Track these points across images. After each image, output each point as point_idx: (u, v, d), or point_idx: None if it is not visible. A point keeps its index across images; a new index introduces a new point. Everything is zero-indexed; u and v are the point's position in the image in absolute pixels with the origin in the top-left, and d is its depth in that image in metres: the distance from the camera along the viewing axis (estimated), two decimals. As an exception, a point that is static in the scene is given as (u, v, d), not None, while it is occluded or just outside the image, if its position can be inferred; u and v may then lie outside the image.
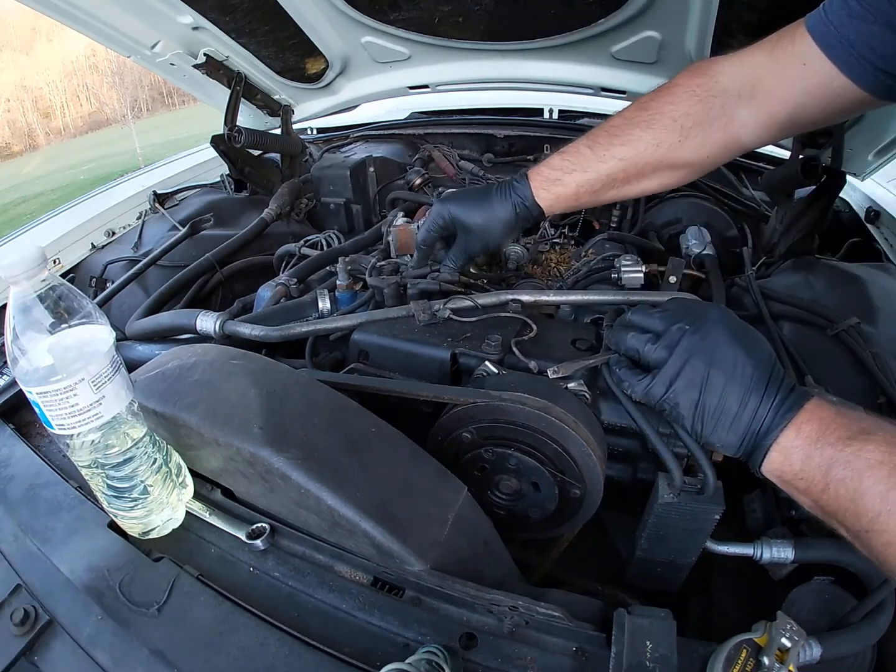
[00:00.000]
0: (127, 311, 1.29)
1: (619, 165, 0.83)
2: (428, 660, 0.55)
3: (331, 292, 1.17)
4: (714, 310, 0.66)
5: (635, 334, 0.69)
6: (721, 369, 0.61)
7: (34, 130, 40.06)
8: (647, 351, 0.67)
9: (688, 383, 0.62)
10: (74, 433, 0.61)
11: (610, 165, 0.83)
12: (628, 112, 0.83)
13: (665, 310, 0.69)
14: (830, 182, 1.29)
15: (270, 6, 1.49)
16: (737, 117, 0.79)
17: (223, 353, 0.80)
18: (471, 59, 1.69)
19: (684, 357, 0.63)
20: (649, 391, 0.66)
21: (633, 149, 0.82)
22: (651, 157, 0.82)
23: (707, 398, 0.62)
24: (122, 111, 33.17)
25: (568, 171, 0.85)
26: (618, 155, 0.83)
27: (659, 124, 0.81)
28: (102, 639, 0.62)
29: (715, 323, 0.64)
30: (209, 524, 0.73)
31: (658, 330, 0.67)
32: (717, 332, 0.63)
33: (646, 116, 0.81)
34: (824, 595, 0.69)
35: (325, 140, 2.26)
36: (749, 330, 0.65)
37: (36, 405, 0.59)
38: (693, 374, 0.62)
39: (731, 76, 0.78)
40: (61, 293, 0.58)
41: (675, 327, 0.65)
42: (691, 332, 0.64)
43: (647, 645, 0.55)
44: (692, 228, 1.43)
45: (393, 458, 0.71)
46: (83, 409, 0.59)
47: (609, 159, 0.83)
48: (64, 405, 0.58)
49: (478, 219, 0.91)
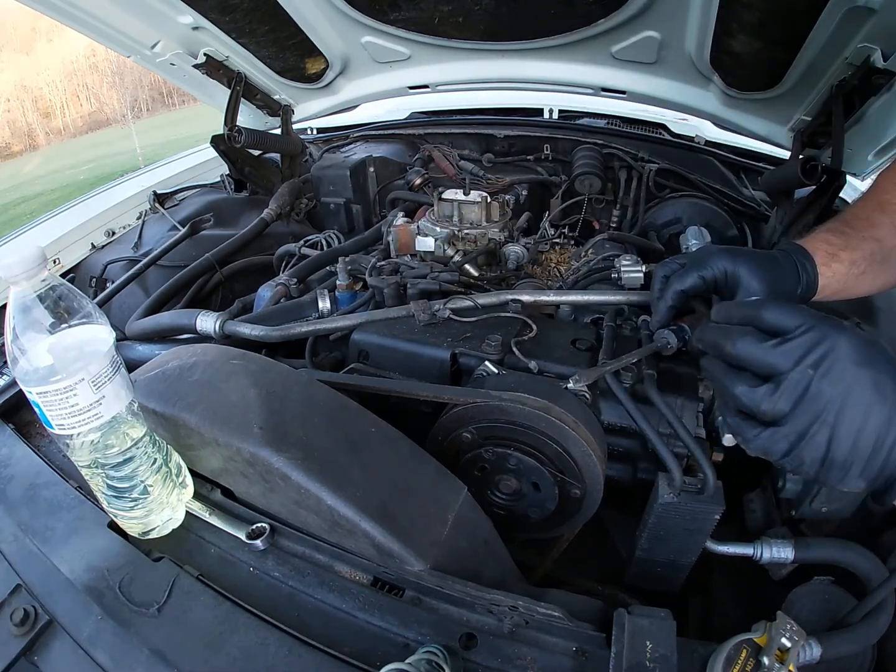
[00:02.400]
0: (127, 311, 1.29)
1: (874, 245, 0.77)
2: (428, 660, 0.55)
3: (331, 292, 1.17)
4: (845, 341, 0.53)
5: (748, 380, 0.56)
6: (852, 420, 0.52)
7: (34, 130, 40.08)
8: (764, 402, 0.54)
9: (815, 443, 0.53)
10: (74, 433, 0.61)
11: (869, 245, 0.77)
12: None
13: (785, 336, 0.55)
14: (830, 182, 1.29)
15: (270, 6, 1.49)
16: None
17: (223, 353, 0.80)
18: (471, 59, 1.69)
19: (812, 414, 0.52)
20: (768, 449, 0.56)
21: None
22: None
23: (836, 453, 0.53)
24: (122, 111, 33.17)
25: (842, 247, 0.77)
26: (875, 235, 0.77)
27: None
28: (102, 639, 0.62)
29: (848, 362, 0.52)
30: (209, 524, 0.73)
31: (776, 369, 0.54)
32: (850, 374, 0.52)
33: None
34: (824, 595, 0.69)
35: (325, 140, 2.26)
36: (884, 362, 0.54)
37: (36, 405, 0.59)
38: (822, 432, 0.52)
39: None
40: (61, 293, 0.58)
41: (797, 371, 0.53)
42: (819, 376, 0.52)
43: (647, 645, 0.55)
44: (692, 228, 1.43)
45: (393, 458, 0.71)
46: (83, 409, 0.59)
47: (868, 239, 0.77)
48: (64, 405, 0.58)
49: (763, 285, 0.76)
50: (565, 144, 1.87)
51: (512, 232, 1.38)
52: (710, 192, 1.66)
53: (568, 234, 1.53)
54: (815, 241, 0.78)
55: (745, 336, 0.57)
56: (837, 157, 1.26)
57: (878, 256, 0.77)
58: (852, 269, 0.77)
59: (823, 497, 0.78)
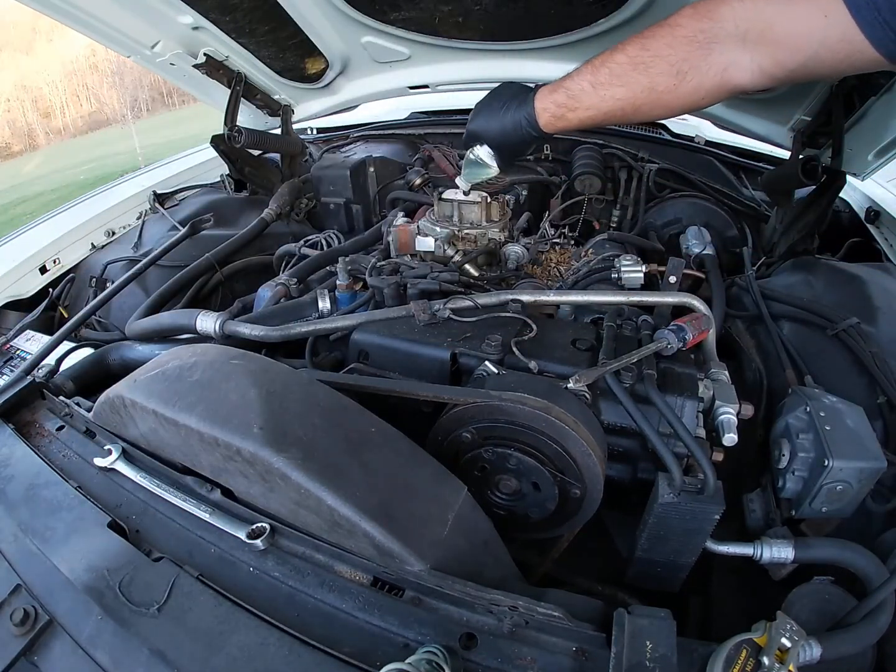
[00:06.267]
0: (127, 311, 1.29)
1: (617, 104, 0.87)
2: (428, 660, 0.55)
3: (331, 292, 1.17)
4: None
5: None
6: None
7: (34, 130, 40.05)
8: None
9: None
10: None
11: (609, 104, 0.88)
12: (631, 49, 0.85)
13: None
14: (830, 182, 1.29)
15: (270, 6, 1.49)
16: (737, 62, 0.80)
17: (223, 354, 0.80)
18: (471, 59, 1.69)
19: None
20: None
21: (630, 90, 0.85)
22: (647, 98, 0.85)
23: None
24: (122, 111, 33.14)
25: (572, 108, 0.90)
26: (616, 95, 0.86)
27: (656, 69, 0.82)
28: (102, 639, 0.62)
29: None
30: (209, 524, 0.73)
31: None
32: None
33: (645, 58, 0.83)
34: (824, 595, 0.69)
35: (325, 140, 2.26)
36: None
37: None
38: None
39: (738, 20, 0.78)
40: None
41: None
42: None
43: (647, 645, 0.55)
44: (692, 228, 1.43)
45: (393, 458, 0.71)
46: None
47: (609, 99, 0.87)
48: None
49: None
50: (565, 144, 1.87)
51: (512, 232, 1.38)
52: (710, 192, 1.66)
53: (568, 234, 1.53)
54: (546, 105, 0.92)
55: None
56: (837, 157, 1.26)
57: (620, 112, 0.89)
58: (583, 124, 0.92)
59: (823, 497, 0.78)
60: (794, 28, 0.75)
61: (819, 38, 0.73)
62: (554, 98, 0.92)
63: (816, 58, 0.75)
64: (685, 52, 0.80)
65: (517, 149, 1.00)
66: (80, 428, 0.89)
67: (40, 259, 1.53)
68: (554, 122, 0.92)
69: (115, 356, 1.13)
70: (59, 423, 0.91)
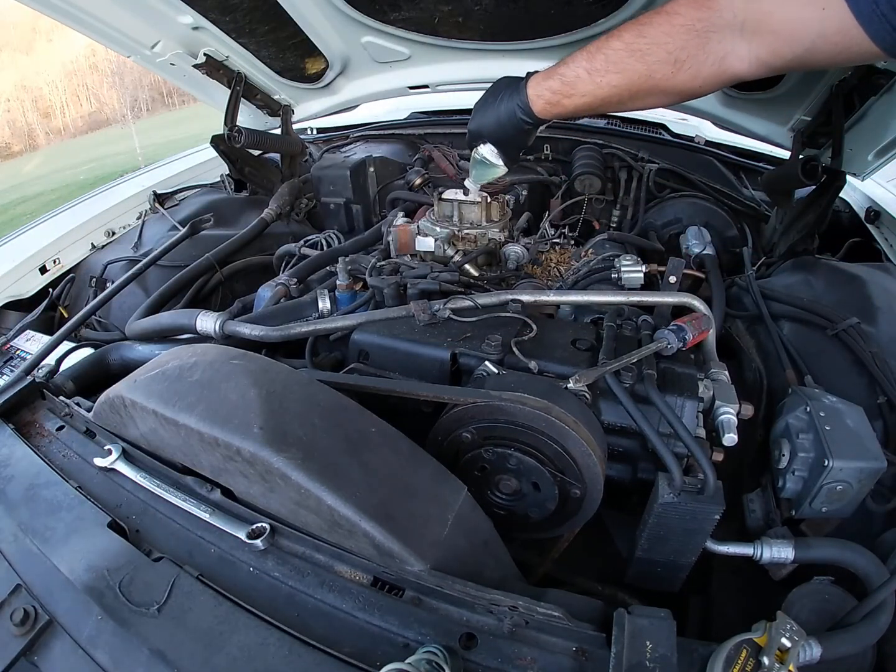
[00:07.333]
0: (127, 311, 1.29)
1: (613, 91, 0.87)
2: (428, 660, 0.55)
3: (331, 292, 1.17)
4: None
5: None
6: None
7: (34, 130, 40.05)
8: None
9: None
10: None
11: (605, 91, 0.87)
12: (627, 36, 0.85)
13: None
14: (830, 182, 1.29)
15: (270, 6, 1.49)
16: (734, 51, 0.80)
17: (223, 353, 0.80)
18: (471, 59, 1.69)
19: None
20: None
21: (626, 78, 0.85)
22: (644, 85, 0.85)
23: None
24: (122, 111, 33.16)
25: (567, 94, 0.90)
26: (612, 82, 0.86)
27: (653, 56, 0.82)
28: (102, 639, 0.62)
29: None
30: (209, 524, 0.73)
31: None
32: None
33: (642, 45, 0.83)
34: (824, 595, 0.69)
35: (325, 140, 2.26)
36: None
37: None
38: None
39: (736, 9, 0.78)
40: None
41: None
42: None
43: (647, 645, 0.55)
44: (692, 228, 1.43)
45: (393, 458, 0.71)
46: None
47: (605, 86, 0.86)
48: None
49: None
50: (565, 144, 1.87)
51: (512, 232, 1.38)
52: (710, 192, 1.66)
53: (568, 235, 1.53)
54: (541, 92, 0.92)
55: None
56: (837, 157, 1.26)
57: (616, 98, 0.88)
58: (578, 111, 0.92)
59: (823, 497, 0.78)
60: (791, 18, 0.75)
61: (817, 29, 0.73)
62: (549, 85, 0.91)
63: (814, 48, 0.75)
64: (683, 40, 0.80)
65: (516, 140, 0.99)
66: (80, 428, 0.89)
67: (40, 259, 1.53)
68: (549, 108, 0.92)
69: (115, 356, 1.13)
70: (59, 423, 0.91)
